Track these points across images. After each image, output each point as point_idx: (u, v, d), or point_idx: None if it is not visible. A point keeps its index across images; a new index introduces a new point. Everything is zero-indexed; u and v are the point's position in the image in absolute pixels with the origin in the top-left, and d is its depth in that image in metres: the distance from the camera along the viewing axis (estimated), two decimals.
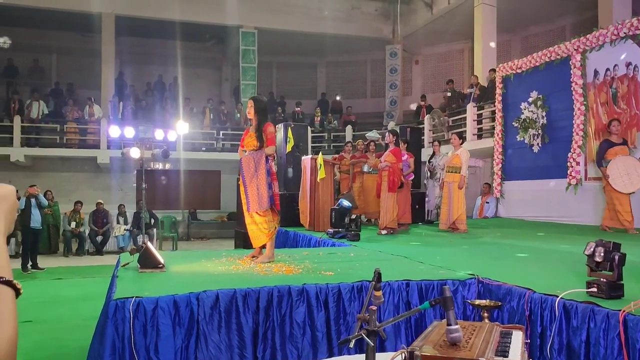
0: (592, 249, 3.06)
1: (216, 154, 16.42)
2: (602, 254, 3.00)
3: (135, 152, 9.61)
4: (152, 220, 13.45)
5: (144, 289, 3.35)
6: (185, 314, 3.17)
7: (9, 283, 0.83)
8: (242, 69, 17.62)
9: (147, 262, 4.11)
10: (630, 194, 7.44)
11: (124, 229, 13.37)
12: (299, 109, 17.93)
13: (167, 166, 16.74)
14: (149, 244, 4.26)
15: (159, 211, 14.39)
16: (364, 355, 1.92)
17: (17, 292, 0.85)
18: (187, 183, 16.17)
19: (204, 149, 16.68)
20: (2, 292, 0.82)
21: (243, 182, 4.70)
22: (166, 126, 13.48)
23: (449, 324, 1.77)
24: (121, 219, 13.76)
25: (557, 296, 3.07)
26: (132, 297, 3.08)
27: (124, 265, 4.19)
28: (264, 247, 4.87)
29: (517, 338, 1.99)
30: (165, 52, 18.46)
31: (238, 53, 17.55)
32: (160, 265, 4.15)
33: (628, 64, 8.41)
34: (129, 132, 10.54)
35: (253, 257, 4.87)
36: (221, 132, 16.93)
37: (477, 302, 3.01)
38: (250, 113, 4.79)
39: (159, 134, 10.49)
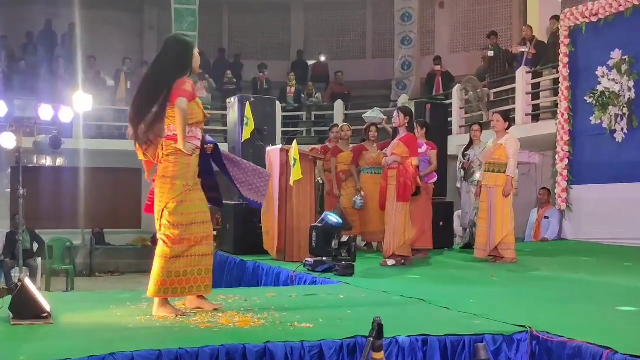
0: None
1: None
2: None
3: (8, 140, 9.45)
4: (35, 246, 13.26)
5: (19, 351, 3.30)
6: None
7: None
8: (174, 12, 17.43)
9: (24, 309, 4.05)
10: None
11: None
12: (262, 74, 17.90)
13: (59, 162, 16.54)
14: (27, 281, 4.20)
15: (45, 231, 14.17)
16: None
17: None
18: (90, 188, 15.94)
19: (116, 134, 16.55)
20: None
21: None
22: (57, 100, 13.30)
23: None
24: None
25: None
26: None
27: None
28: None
29: None
30: None
31: None
32: (45, 315, 4.08)
33: None
34: None
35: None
36: None
37: None
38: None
39: (45, 112, 10.33)
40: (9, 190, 15.15)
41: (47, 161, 16.44)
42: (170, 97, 4.60)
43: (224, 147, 11.59)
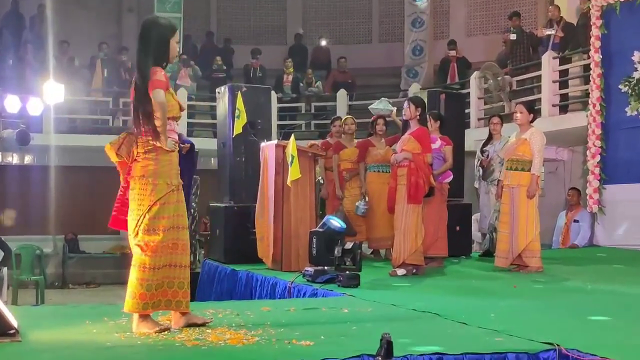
0: None
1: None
2: None
3: None
4: (1, 254, 13.28)
5: None
6: None
7: None
8: None
9: None
10: None
11: None
12: (256, 60, 17.91)
13: (28, 160, 16.54)
14: None
15: (12, 238, 14.13)
16: None
17: None
18: (62, 190, 15.94)
19: (92, 128, 16.53)
20: None
21: None
22: (25, 90, 13.33)
23: None
24: None
25: None
26: None
27: None
28: None
29: None
30: None
31: None
32: (11, 331, 4.06)
33: None
34: None
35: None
36: (121, 101, 16.80)
37: None
38: None
39: (11, 104, 10.38)
40: None
41: (13, 159, 16.45)
42: (146, 89, 4.59)
43: (212, 143, 11.69)
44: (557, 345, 3.93)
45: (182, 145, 4.98)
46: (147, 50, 4.69)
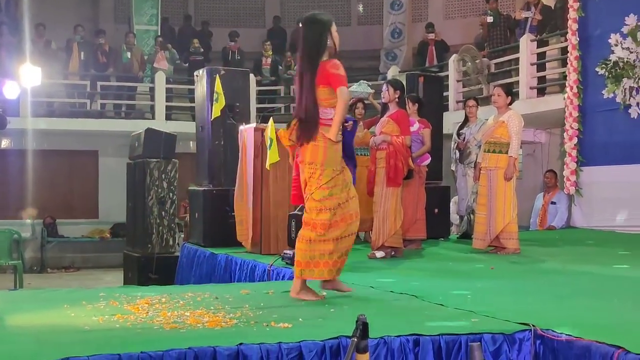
0: None
1: (92, 122, 16.21)
2: None
3: None
4: None
5: None
6: None
7: None
8: None
9: None
10: None
11: None
12: (234, 43, 17.84)
13: (5, 144, 16.42)
14: None
15: None
16: None
17: None
18: (39, 174, 15.89)
19: (69, 112, 16.42)
20: None
21: None
22: (1, 74, 13.21)
23: None
24: None
25: None
26: None
27: None
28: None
29: None
30: None
31: None
32: None
33: None
34: None
35: None
36: (98, 84, 16.69)
37: None
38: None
39: None
40: None
41: None
42: (316, 80, 5.07)
43: (191, 126, 11.65)
44: (533, 325, 3.96)
45: (346, 124, 5.36)
46: (314, 44, 5.22)
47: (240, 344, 3.55)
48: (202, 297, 5.20)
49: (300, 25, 5.46)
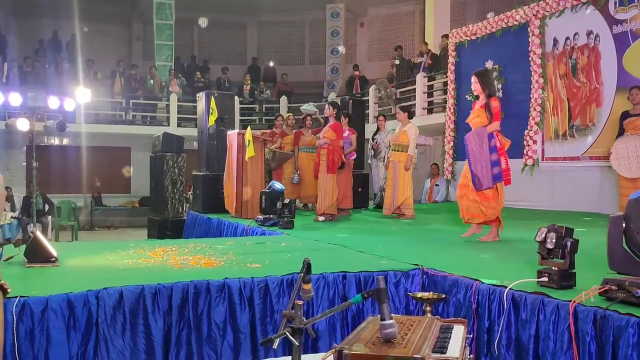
0: (543, 235, 3.20)
1: (126, 128, 16.00)
2: (553, 241, 3.14)
3: (23, 124, 9.17)
4: (47, 207, 12.96)
5: (31, 287, 3.23)
6: (81, 316, 3.09)
7: None
8: (156, 26, 17.12)
9: (36, 255, 3.95)
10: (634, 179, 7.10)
11: (11, 217, 12.77)
12: (225, 75, 17.65)
13: (65, 142, 16.16)
14: (38, 233, 4.10)
15: (55, 195, 13.90)
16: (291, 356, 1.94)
17: (5, 292, 0.82)
18: (89, 162, 15.75)
19: (110, 120, 16.23)
20: None
21: (468, 161, 5.48)
22: (63, 93, 12.89)
23: (382, 319, 1.82)
24: (7, 205, 13.14)
25: (506, 287, 3.20)
26: (16, 296, 2.95)
27: (6, 260, 4.01)
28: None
29: (458, 333, 2.07)
30: (59, 3, 17.54)
31: (151, 7, 17.02)
32: (52, 259, 4.00)
33: (589, 33, 8.81)
34: (15, 99, 9.99)
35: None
36: (131, 102, 16.43)
37: (420, 294, 3.11)
38: (477, 89, 5.43)
39: (52, 102, 10.01)
40: (25, 164, 15.07)
41: (55, 141, 16.14)
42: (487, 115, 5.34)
43: (194, 131, 11.51)
44: (421, 265, 4.02)
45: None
46: (489, 86, 5.44)
47: (226, 278, 3.55)
48: (201, 247, 5.17)
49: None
